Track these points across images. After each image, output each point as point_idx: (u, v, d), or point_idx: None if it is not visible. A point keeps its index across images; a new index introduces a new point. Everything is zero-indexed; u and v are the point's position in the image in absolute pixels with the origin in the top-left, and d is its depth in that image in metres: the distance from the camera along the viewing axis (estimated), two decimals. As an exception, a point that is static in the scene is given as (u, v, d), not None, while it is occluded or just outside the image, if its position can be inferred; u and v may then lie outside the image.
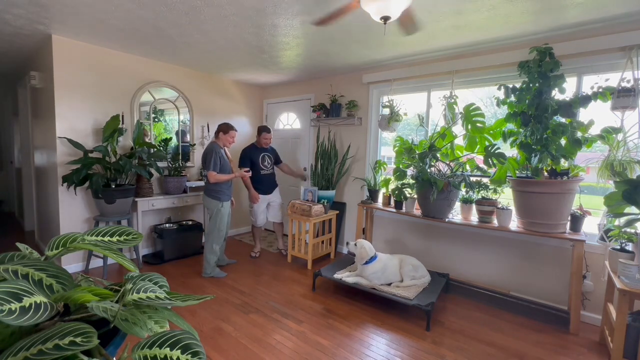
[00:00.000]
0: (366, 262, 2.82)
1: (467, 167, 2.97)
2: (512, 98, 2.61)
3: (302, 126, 4.70)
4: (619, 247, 2.16)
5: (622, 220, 2.00)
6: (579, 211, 2.48)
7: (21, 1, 2.31)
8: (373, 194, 3.64)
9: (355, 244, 2.90)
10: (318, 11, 2.31)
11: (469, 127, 2.83)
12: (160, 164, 3.71)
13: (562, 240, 2.55)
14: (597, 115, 2.39)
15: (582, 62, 2.56)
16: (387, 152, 3.98)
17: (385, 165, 3.67)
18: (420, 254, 3.46)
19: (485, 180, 2.86)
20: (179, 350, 0.66)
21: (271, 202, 3.87)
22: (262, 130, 3.74)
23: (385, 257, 2.91)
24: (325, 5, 2.23)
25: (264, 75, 4.32)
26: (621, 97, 2.25)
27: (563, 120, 2.42)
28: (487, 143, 2.79)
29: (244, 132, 4.91)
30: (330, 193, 3.96)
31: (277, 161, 3.97)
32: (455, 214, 3.04)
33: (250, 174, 3.42)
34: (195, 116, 4.24)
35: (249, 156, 3.69)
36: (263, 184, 3.75)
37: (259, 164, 3.70)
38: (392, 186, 3.38)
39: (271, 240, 4.59)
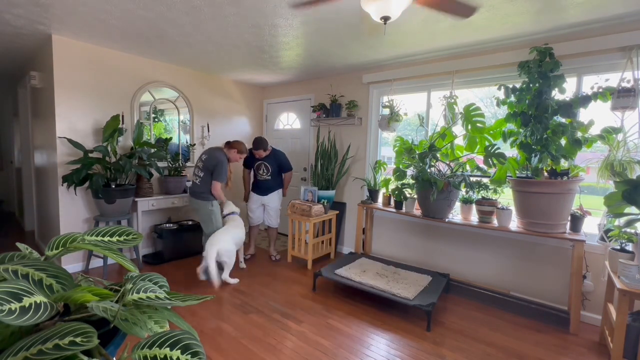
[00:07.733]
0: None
1: (467, 167, 2.97)
2: (512, 98, 2.61)
3: (302, 126, 4.70)
4: (619, 247, 2.16)
5: (622, 220, 2.00)
6: (579, 211, 2.48)
7: (21, 1, 2.31)
8: (373, 194, 3.64)
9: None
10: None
11: (469, 127, 2.83)
12: (160, 164, 3.71)
13: (562, 240, 2.55)
14: (597, 115, 2.39)
15: (582, 62, 2.56)
16: (387, 152, 3.97)
17: (385, 165, 3.66)
18: (421, 254, 3.46)
19: (485, 180, 2.86)
20: (179, 350, 0.66)
21: (266, 204, 3.85)
22: (259, 147, 3.58)
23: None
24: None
25: (264, 75, 4.32)
26: (621, 97, 2.25)
27: (563, 120, 2.41)
28: (487, 143, 2.79)
29: (244, 132, 4.92)
30: (330, 193, 3.96)
31: (282, 169, 3.83)
32: (455, 214, 3.04)
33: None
34: (196, 116, 4.24)
35: (248, 163, 3.81)
36: (257, 186, 3.85)
37: (255, 170, 3.81)
38: (392, 186, 3.38)
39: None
